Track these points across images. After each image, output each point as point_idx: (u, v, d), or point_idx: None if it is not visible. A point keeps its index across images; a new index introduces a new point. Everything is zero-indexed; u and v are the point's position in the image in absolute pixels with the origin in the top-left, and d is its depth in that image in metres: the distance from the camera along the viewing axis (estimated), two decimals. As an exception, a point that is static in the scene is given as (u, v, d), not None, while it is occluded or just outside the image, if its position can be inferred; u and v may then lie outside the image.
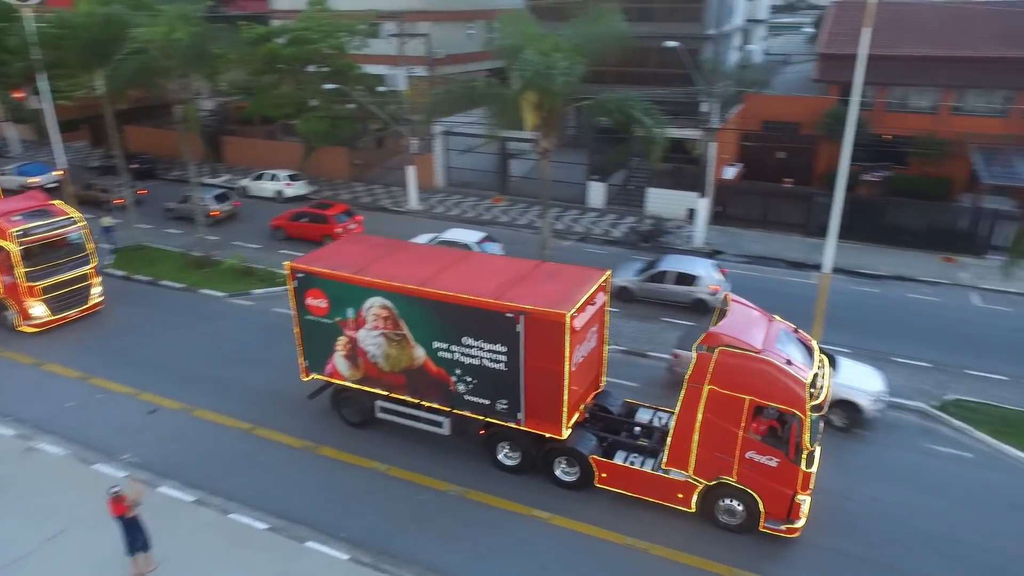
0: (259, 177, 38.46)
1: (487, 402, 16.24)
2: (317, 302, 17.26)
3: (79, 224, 23.99)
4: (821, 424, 14.41)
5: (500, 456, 16.95)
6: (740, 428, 14.12)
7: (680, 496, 15.25)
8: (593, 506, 15.93)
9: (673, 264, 25.41)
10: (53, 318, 23.68)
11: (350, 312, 16.89)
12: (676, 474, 15.12)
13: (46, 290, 23.26)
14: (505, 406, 16.05)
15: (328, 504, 16.21)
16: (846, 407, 18.32)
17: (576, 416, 16.19)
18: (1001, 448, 17.76)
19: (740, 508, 14.78)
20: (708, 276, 24.68)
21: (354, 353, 17.32)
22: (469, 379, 16.16)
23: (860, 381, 18.56)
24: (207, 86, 37.37)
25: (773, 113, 38.95)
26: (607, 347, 17.91)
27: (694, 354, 14.34)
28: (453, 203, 37.02)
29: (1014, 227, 24.55)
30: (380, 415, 18.00)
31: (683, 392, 14.54)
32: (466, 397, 16.41)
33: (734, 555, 14.58)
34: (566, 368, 15.00)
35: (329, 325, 17.31)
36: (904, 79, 35.81)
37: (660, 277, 25.09)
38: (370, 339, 16.91)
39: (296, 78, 36.04)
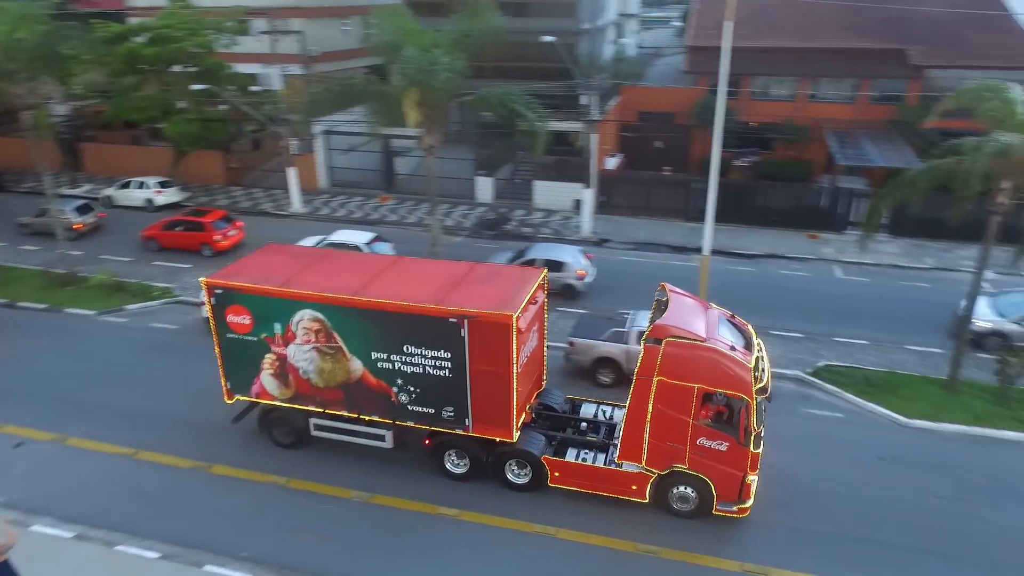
0: (125, 185, 36.00)
1: (432, 411, 15.75)
2: (239, 319, 16.14)
3: None
4: (765, 405, 14.86)
5: (448, 465, 16.50)
6: (690, 416, 14.31)
7: (634, 488, 15.33)
8: (503, 499, 16.03)
9: (541, 252, 25.88)
10: None
11: (277, 327, 15.92)
12: (629, 466, 15.19)
13: None
14: (451, 413, 15.61)
15: (225, 524, 15.45)
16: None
17: (523, 417, 15.98)
18: (866, 406, 19.31)
19: (693, 494, 15.02)
20: (575, 262, 25.34)
21: (283, 370, 16.36)
22: (412, 388, 15.61)
23: (742, 355, 19.62)
24: (59, 89, 34.54)
25: (649, 104, 40.50)
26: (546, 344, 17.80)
27: (641, 347, 14.43)
28: (339, 204, 36.14)
29: (867, 204, 26.70)
30: (315, 433, 17.13)
31: (632, 385, 14.61)
32: (410, 407, 15.85)
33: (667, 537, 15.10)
34: (513, 370, 14.73)
35: (253, 343, 16.23)
36: (764, 69, 38.20)
37: (529, 265, 25.45)
38: (301, 354, 16.01)
39: (160, 79, 33.99)
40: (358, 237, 27.64)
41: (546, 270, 16.86)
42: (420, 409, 15.83)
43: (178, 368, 21.45)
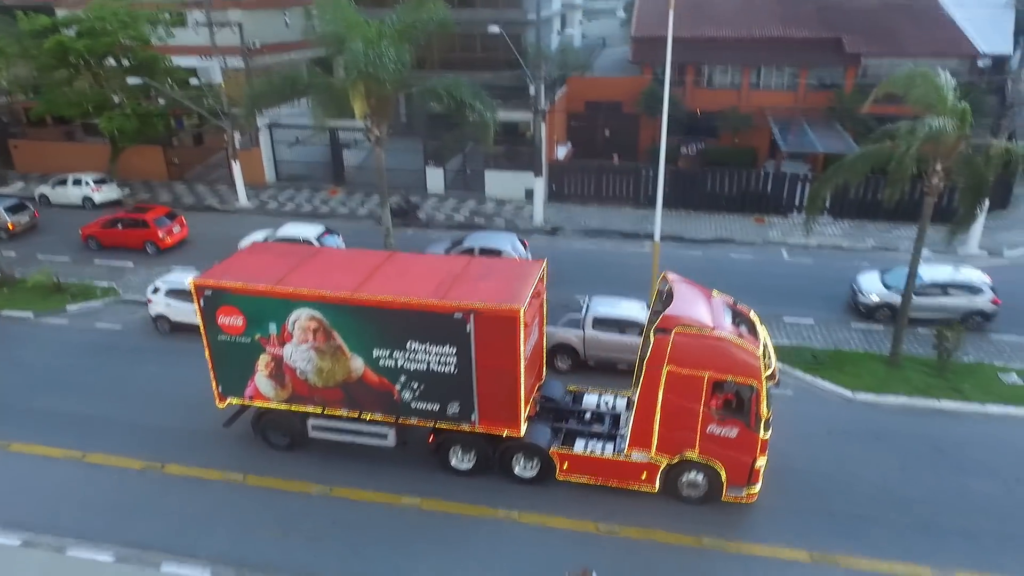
0: (61, 183, 34.61)
1: (437, 407, 15.46)
2: (231, 320, 15.59)
3: None
4: (772, 391, 14.93)
5: (453, 461, 16.27)
6: (700, 404, 14.35)
7: (644, 477, 15.34)
8: (459, 486, 16.07)
9: (478, 240, 25.87)
10: None
11: (272, 328, 15.41)
12: (639, 456, 15.21)
13: None
14: (457, 410, 15.37)
15: (182, 524, 15.12)
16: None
17: (527, 410, 15.80)
18: (815, 383, 19.97)
19: (703, 481, 15.14)
20: (512, 249, 25.39)
21: (279, 371, 15.87)
22: (416, 386, 15.30)
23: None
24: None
25: (596, 94, 40.82)
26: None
27: (651, 338, 14.41)
28: (286, 198, 35.47)
29: (809, 188, 27.50)
30: (314, 435, 16.66)
31: (642, 376, 14.61)
32: (413, 405, 15.53)
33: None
34: (521, 365, 14.59)
35: (247, 344, 15.72)
36: (707, 58, 38.95)
37: (468, 253, 25.44)
38: (298, 354, 15.54)
39: (93, 73, 32.76)
40: (307, 231, 27.18)
41: (546, 261, 16.58)
42: (424, 406, 15.52)
43: (125, 369, 20.82)
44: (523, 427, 15.46)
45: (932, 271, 23.28)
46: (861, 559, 14.13)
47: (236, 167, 33.76)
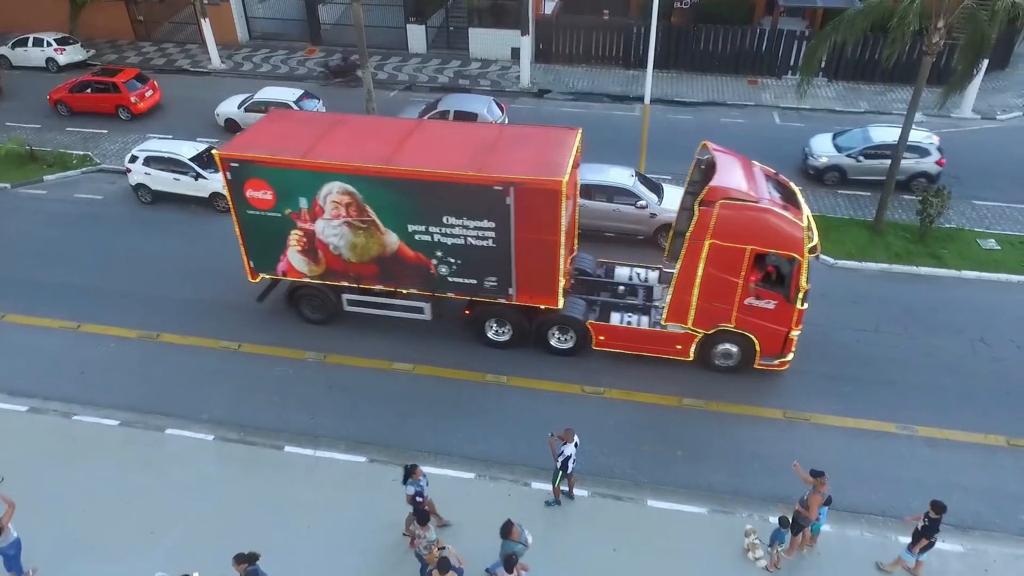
0: (21, 43, 32.61)
1: (474, 282, 15.35)
2: (260, 194, 15.06)
3: None
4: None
5: (489, 334, 16.39)
6: (740, 277, 14.34)
7: (679, 347, 15.58)
8: (449, 352, 16.61)
9: (453, 103, 25.15)
10: None
11: (303, 202, 14.96)
12: (675, 327, 15.37)
13: None
14: (494, 283, 15.26)
15: (182, 390, 15.69)
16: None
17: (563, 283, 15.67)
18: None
19: (736, 350, 15.41)
20: (488, 112, 24.72)
21: (312, 247, 15.57)
22: (452, 260, 15.13)
23: (682, 204, 20.00)
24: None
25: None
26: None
27: (696, 210, 14.15)
28: (261, 58, 33.82)
29: (806, 47, 26.48)
30: (349, 309, 16.66)
31: (683, 250, 14.46)
32: (449, 279, 15.43)
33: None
34: (561, 238, 14.37)
35: (277, 219, 15.31)
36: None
37: (443, 117, 24.76)
38: (331, 229, 15.19)
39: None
40: (286, 94, 26.21)
41: (580, 130, 15.88)
42: (461, 280, 15.42)
43: (110, 240, 20.72)
44: (561, 300, 15.43)
45: (880, 132, 23.10)
46: (830, 416, 14.99)
47: (206, 25, 31.89)
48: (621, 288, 17.03)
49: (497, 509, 12.46)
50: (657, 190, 20.36)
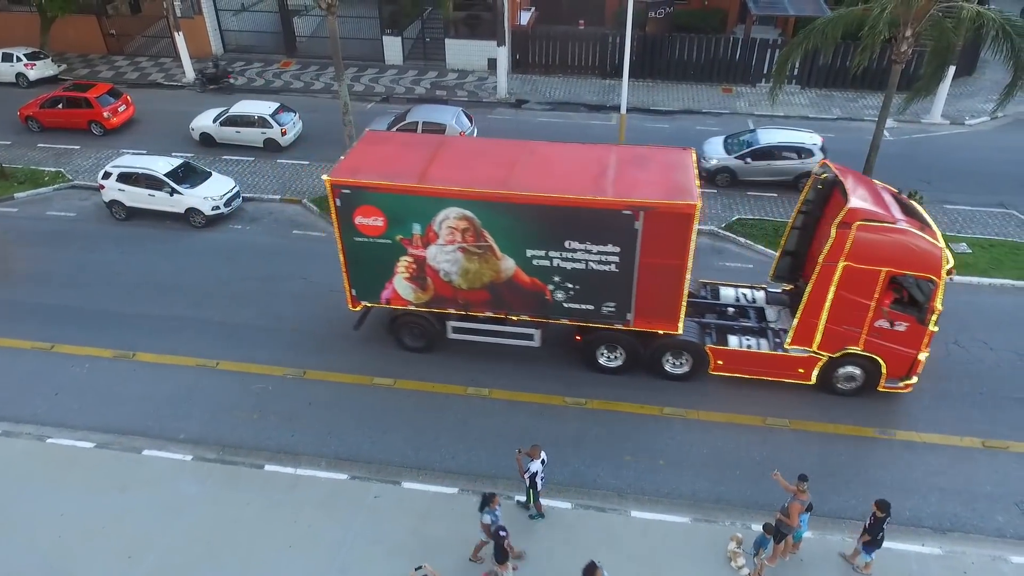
0: (-10, 58, 32.21)
1: (591, 307, 14.95)
2: (370, 220, 14.65)
3: None
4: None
5: (601, 360, 15.97)
6: (873, 299, 14.10)
7: (801, 371, 15.28)
8: (430, 366, 16.56)
9: (422, 114, 25.23)
10: None
11: (416, 228, 14.55)
12: (798, 351, 15.09)
13: None
14: (612, 308, 14.86)
15: (159, 410, 15.47)
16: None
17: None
18: (774, 255, 20.34)
19: (860, 373, 15.14)
20: (456, 123, 24.81)
21: (421, 273, 15.17)
22: (570, 285, 14.71)
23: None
24: None
25: (561, -48, 38.34)
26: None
27: (833, 232, 13.83)
28: (237, 71, 33.57)
29: (777, 55, 26.80)
30: (453, 336, 16.23)
31: (816, 272, 14.20)
32: (565, 305, 14.99)
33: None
34: (689, 262, 14.06)
35: (387, 245, 14.90)
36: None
37: (411, 128, 24.80)
38: (444, 255, 14.80)
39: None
40: (261, 108, 26.08)
41: (694, 150, 15.60)
42: (577, 306, 15.01)
43: (83, 257, 20.42)
44: (681, 325, 15.08)
45: (767, 134, 23.71)
46: (810, 422, 15.13)
47: (179, 38, 31.64)
48: (730, 310, 16.61)
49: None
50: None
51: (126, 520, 12.99)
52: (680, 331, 15.12)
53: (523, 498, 12.93)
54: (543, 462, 12.26)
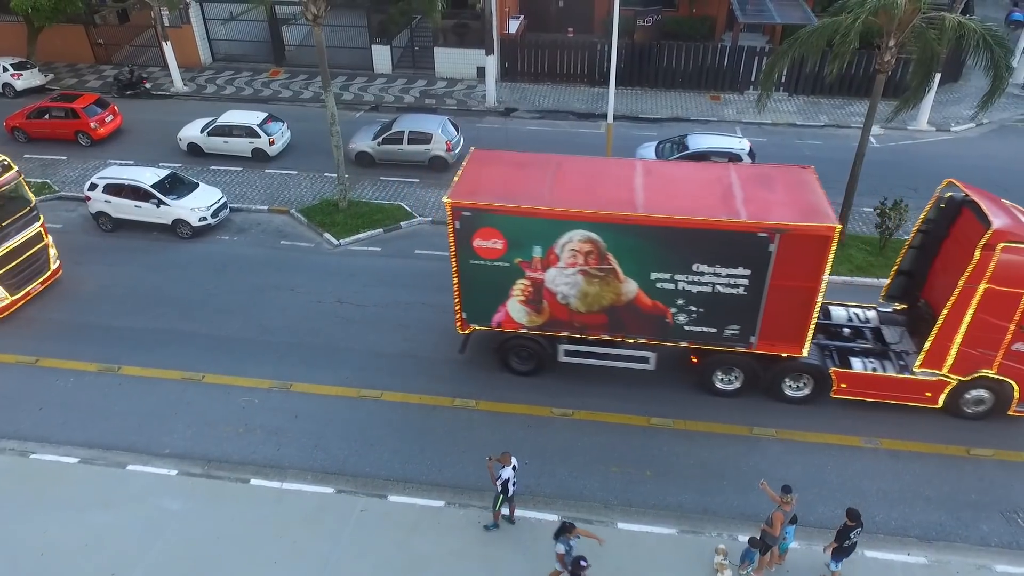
0: (-24, 68, 32.08)
1: (713, 330, 14.72)
2: (489, 243, 14.40)
3: (13, 169, 18.16)
4: None
5: (718, 384, 15.71)
6: (1013, 322, 13.88)
7: (928, 395, 15.02)
8: (416, 378, 16.51)
9: (408, 124, 25.32)
10: (14, 299, 18.29)
11: (537, 251, 14.32)
12: (926, 374, 14.81)
13: None
14: (736, 331, 14.65)
15: (144, 424, 15.38)
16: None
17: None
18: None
19: (989, 396, 14.90)
20: (442, 132, 24.89)
21: (538, 296, 14.92)
22: (694, 308, 14.49)
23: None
24: None
25: (550, -40, 38.45)
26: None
27: (977, 254, 13.52)
28: (225, 80, 33.54)
29: (765, 63, 26.92)
30: (564, 359, 15.93)
31: (955, 294, 13.93)
32: (686, 328, 14.79)
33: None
34: (822, 284, 13.88)
35: (504, 268, 14.65)
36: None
37: (397, 138, 24.95)
38: (563, 278, 14.55)
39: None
40: (249, 118, 26.04)
41: (813, 168, 15.33)
42: (699, 329, 14.78)
43: (68, 269, 20.26)
44: (807, 348, 14.82)
45: (696, 140, 23.91)
46: (796, 431, 15.14)
47: (167, 47, 31.58)
48: (845, 331, 16.30)
49: (468, 537, 12.40)
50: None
51: (110, 537, 12.89)
52: (805, 354, 14.87)
53: (506, 510, 12.91)
54: (514, 468, 12.24)
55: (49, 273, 19.29)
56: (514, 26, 35.31)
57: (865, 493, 13.78)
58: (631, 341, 15.45)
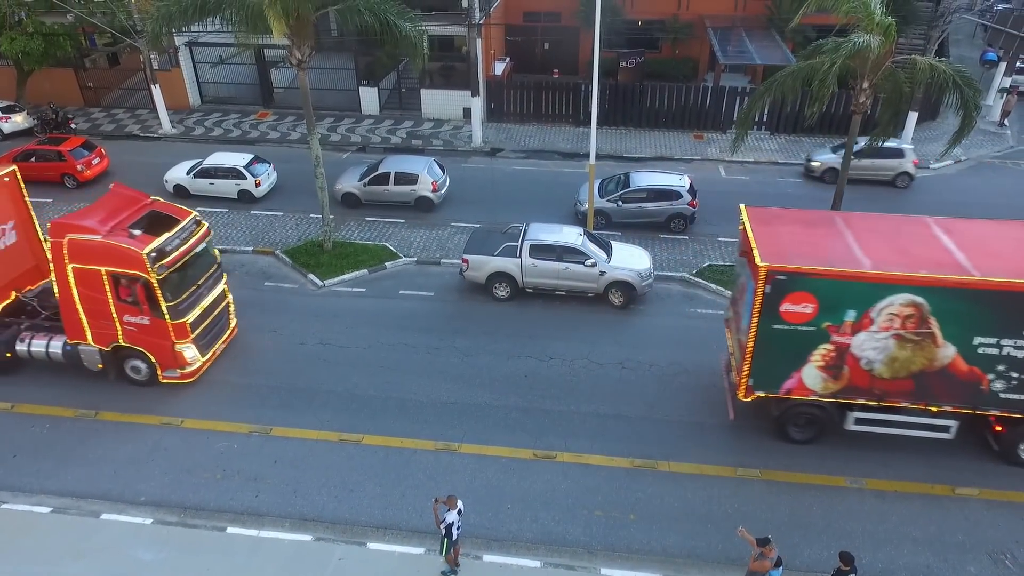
0: (-36, 112, 32.23)
1: None
2: (799, 307, 13.82)
3: (205, 226, 17.61)
4: None
5: (1022, 454, 15.08)
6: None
7: None
8: (384, 422, 16.33)
9: (394, 165, 25.54)
10: (205, 360, 17.54)
11: (850, 315, 13.75)
12: None
13: (193, 324, 16.86)
14: None
15: (119, 471, 15.11)
16: (621, 287, 20.00)
17: None
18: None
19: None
20: (428, 173, 25.13)
21: (838, 362, 14.26)
22: (1016, 375, 13.88)
23: (631, 262, 20.23)
24: None
25: (534, 4, 39.27)
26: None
27: None
28: (213, 122, 33.81)
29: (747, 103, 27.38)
30: (852, 428, 15.21)
31: None
32: (1002, 395, 14.16)
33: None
34: None
35: (808, 333, 14.05)
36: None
37: (383, 179, 25.14)
38: (872, 343, 13.90)
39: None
40: (235, 159, 26.19)
41: None
42: (1018, 396, 14.18)
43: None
44: None
45: (639, 177, 24.46)
46: (781, 472, 15.01)
47: (156, 90, 31.87)
48: None
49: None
50: (606, 248, 20.59)
51: (80, 589, 12.58)
52: None
53: (447, 570, 12.71)
54: (460, 512, 12.06)
55: (230, 331, 18.68)
56: (500, 68, 35.88)
57: (851, 534, 13.62)
58: (934, 409, 14.74)
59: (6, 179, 17.35)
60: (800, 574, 12.81)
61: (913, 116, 28.23)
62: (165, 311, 16.07)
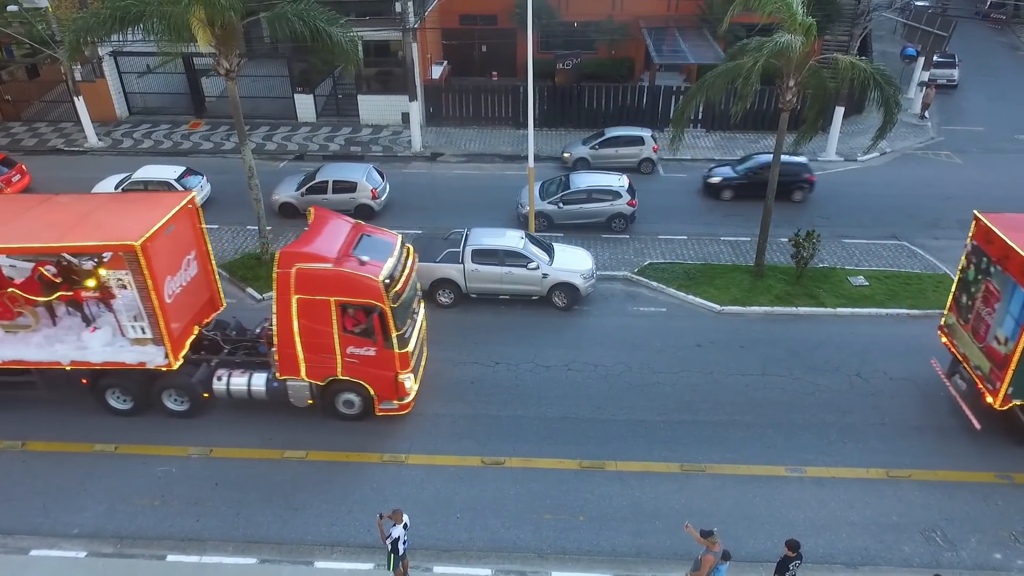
0: None
1: None
2: None
3: (411, 249, 16.81)
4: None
5: None
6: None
7: None
8: (342, 434, 16.09)
9: (332, 173, 25.26)
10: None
11: None
12: None
13: (412, 353, 16.08)
14: None
15: (50, 503, 14.45)
16: (565, 289, 20.10)
17: None
18: (687, 299, 20.88)
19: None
20: (367, 180, 24.92)
21: None
22: None
23: (573, 263, 20.35)
24: None
25: (470, 6, 39.21)
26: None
27: None
28: (143, 134, 32.74)
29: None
30: None
31: None
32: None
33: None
34: None
35: None
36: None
37: (321, 188, 24.83)
38: None
39: None
40: (166, 172, 25.41)
41: None
42: None
43: None
44: None
45: (578, 179, 24.92)
46: (725, 465, 15.28)
47: (80, 102, 30.70)
48: None
49: (395, 602, 11.95)
50: (548, 250, 20.67)
51: (9, 631, 12.01)
52: None
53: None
54: (405, 527, 11.96)
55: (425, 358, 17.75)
56: (437, 72, 35.71)
57: (793, 523, 13.96)
58: None
59: (189, 206, 16.01)
60: (746, 564, 13.05)
61: (840, 111, 29.11)
62: (395, 341, 15.21)
